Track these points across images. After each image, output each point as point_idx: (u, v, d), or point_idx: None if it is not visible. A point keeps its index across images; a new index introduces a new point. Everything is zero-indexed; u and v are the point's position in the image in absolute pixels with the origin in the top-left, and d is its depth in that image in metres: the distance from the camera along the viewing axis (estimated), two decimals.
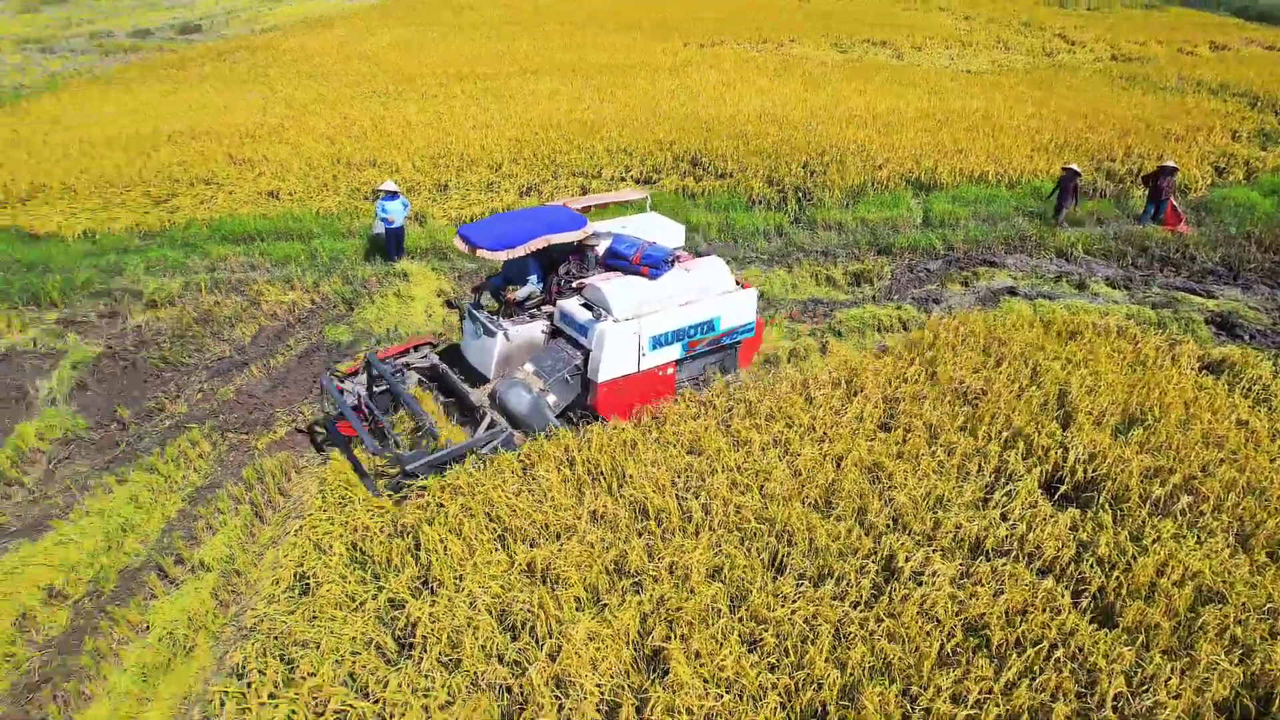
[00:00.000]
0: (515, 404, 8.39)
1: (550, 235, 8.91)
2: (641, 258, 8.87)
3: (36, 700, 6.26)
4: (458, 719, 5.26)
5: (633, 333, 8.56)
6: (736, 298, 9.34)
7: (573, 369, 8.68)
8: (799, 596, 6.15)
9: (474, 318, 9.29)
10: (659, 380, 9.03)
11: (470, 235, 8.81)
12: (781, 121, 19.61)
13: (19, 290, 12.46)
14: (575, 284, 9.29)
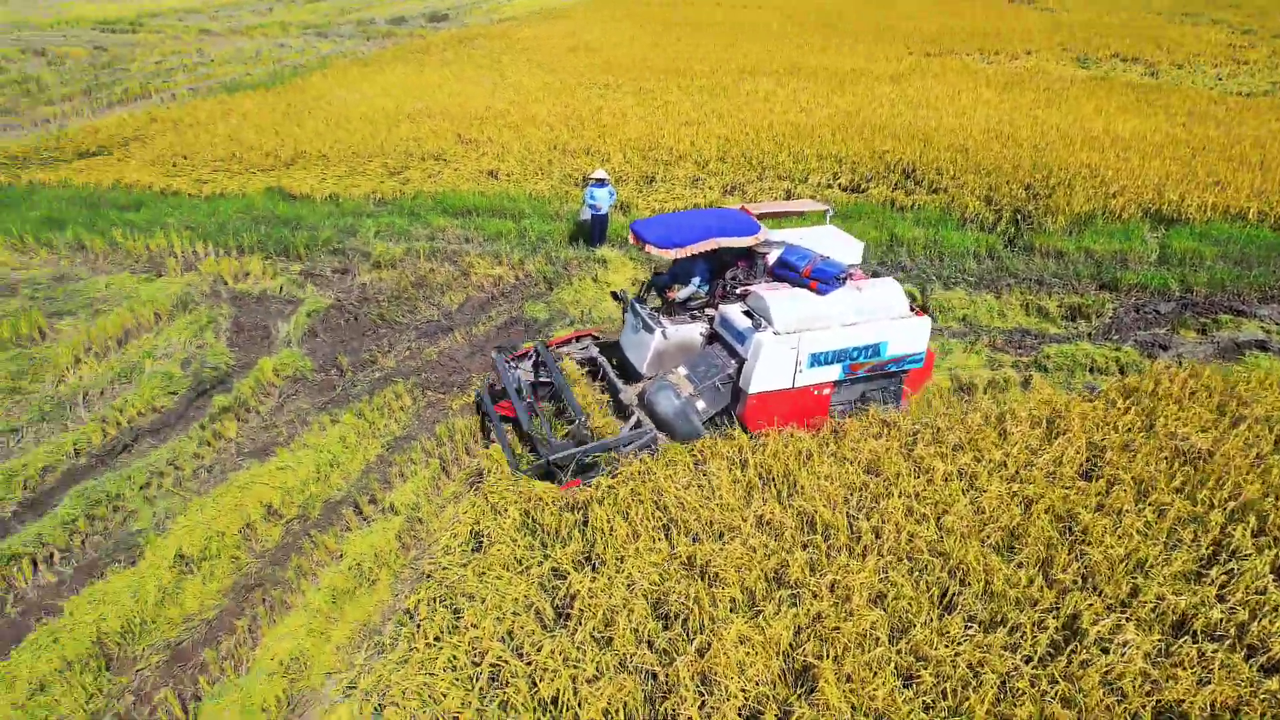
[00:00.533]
0: (663, 407, 8.35)
1: (721, 238, 8.65)
2: (812, 271, 8.55)
3: (249, 600, 7.08)
4: (602, 694, 5.40)
5: (791, 347, 8.24)
6: (908, 324, 8.72)
7: (725, 377, 8.49)
8: (966, 639, 5.80)
9: (635, 312, 9.28)
10: (813, 400, 8.64)
11: (641, 230, 8.76)
12: (1006, 138, 18.47)
13: (274, 242, 14.05)
14: (740, 290, 9.07)
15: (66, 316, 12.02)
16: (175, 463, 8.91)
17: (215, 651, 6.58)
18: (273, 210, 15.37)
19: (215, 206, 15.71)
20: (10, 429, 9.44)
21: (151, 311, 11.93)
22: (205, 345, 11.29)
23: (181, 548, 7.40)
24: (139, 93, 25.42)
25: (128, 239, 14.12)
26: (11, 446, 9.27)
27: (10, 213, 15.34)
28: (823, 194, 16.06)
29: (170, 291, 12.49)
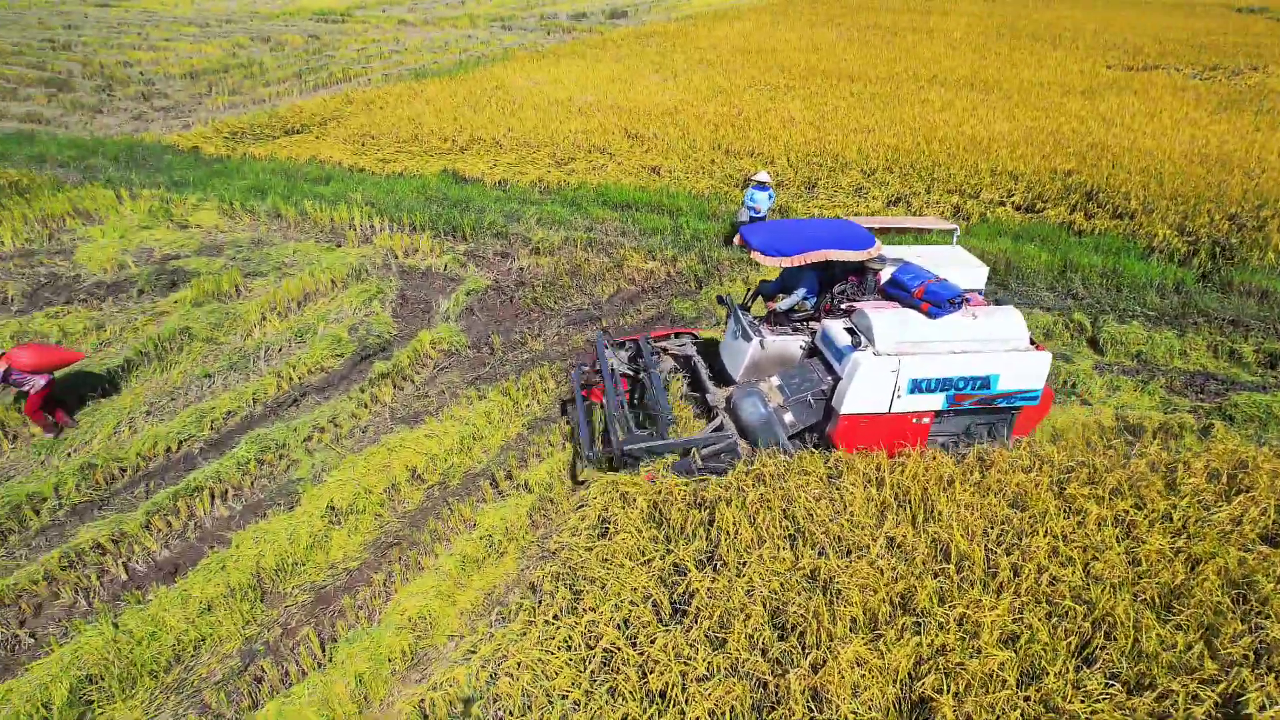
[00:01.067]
0: (747, 413, 8.11)
1: (831, 250, 8.24)
2: (925, 292, 7.97)
3: (387, 557, 7.54)
4: (711, 695, 5.38)
5: (890, 370, 7.75)
6: (1025, 358, 8.04)
7: (819, 392, 8.13)
8: (1105, 697, 5.37)
9: (737, 318, 9.03)
10: (911, 427, 8.11)
11: (750, 235, 8.49)
12: (1213, 162, 16.86)
13: (443, 222, 14.85)
14: (846, 306, 8.65)
15: (258, 277, 13.18)
16: (335, 420, 9.60)
17: (353, 600, 7.06)
18: (445, 192, 16.25)
19: (394, 185, 16.78)
20: (205, 374, 10.48)
21: (329, 278, 12.89)
22: (372, 314, 12.08)
23: (333, 500, 7.98)
24: (340, 77, 27.51)
25: (316, 210, 15.32)
26: (205, 390, 10.29)
27: (225, 181, 16.99)
28: (994, 212, 15.25)
29: (347, 261, 13.45)
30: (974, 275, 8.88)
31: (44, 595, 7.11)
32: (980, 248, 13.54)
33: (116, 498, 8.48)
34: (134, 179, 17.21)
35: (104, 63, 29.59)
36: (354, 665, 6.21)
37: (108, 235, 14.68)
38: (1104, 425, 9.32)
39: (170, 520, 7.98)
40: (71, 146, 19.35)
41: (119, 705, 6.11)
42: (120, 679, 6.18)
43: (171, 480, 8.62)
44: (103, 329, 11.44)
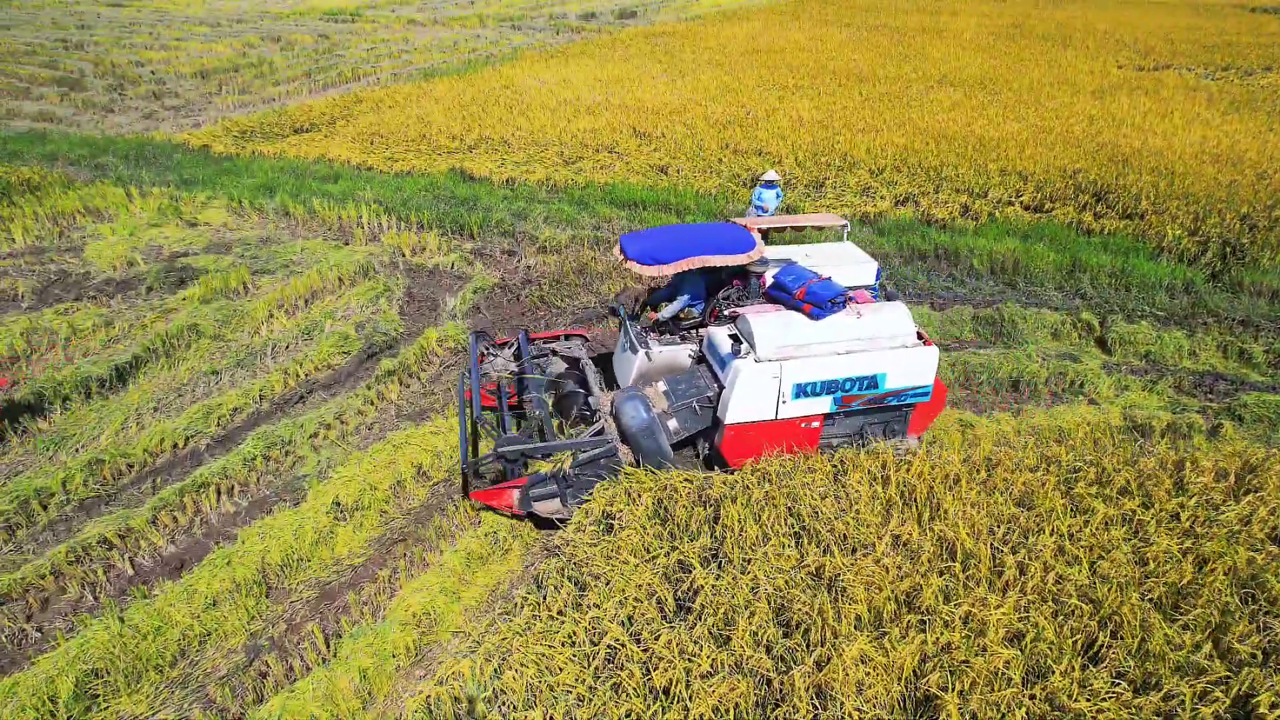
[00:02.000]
0: (629, 418, 7.69)
1: (709, 256, 7.88)
2: (806, 293, 7.72)
3: (392, 553, 7.55)
4: (715, 692, 5.37)
5: (773, 376, 7.53)
6: (912, 354, 7.90)
7: (705, 400, 7.85)
8: (1112, 696, 5.33)
9: (626, 330, 8.76)
10: (799, 433, 7.93)
11: (628, 245, 8.10)
12: (1224, 162, 16.76)
13: (451, 221, 14.88)
14: (729, 311, 8.31)
15: (266, 275, 13.23)
16: (341, 417, 9.63)
17: (357, 596, 7.07)
18: (452, 190, 16.27)
19: (402, 183, 16.82)
20: (213, 371, 10.52)
21: (336, 276, 12.93)
22: (379, 311, 12.11)
23: (339, 496, 7.99)
24: (350, 76, 27.60)
25: (324, 208, 15.37)
26: (212, 387, 10.33)
27: (234, 179, 17.07)
28: (1003, 211, 15.18)
29: (354, 259, 13.48)
30: (864, 272, 8.68)
31: (51, 590, 7.15)
32: (988, 247, 13.50)
33: (124, 493, 8.52)
34: (144, 177, 17.30)
35: (115, 62, 29.78)
36: (358, 661, 6.21)
37: (117, 233, 14.76)
38: (1112, 425, 9.27)
39: (177, 516, 8.01)
40: (82, 145, 19.46)
41: (124, 699, 6.13)
42: (126, 673, 6.20)
43: (178, 476, 8.66)
44: (111, 326, 11.50)
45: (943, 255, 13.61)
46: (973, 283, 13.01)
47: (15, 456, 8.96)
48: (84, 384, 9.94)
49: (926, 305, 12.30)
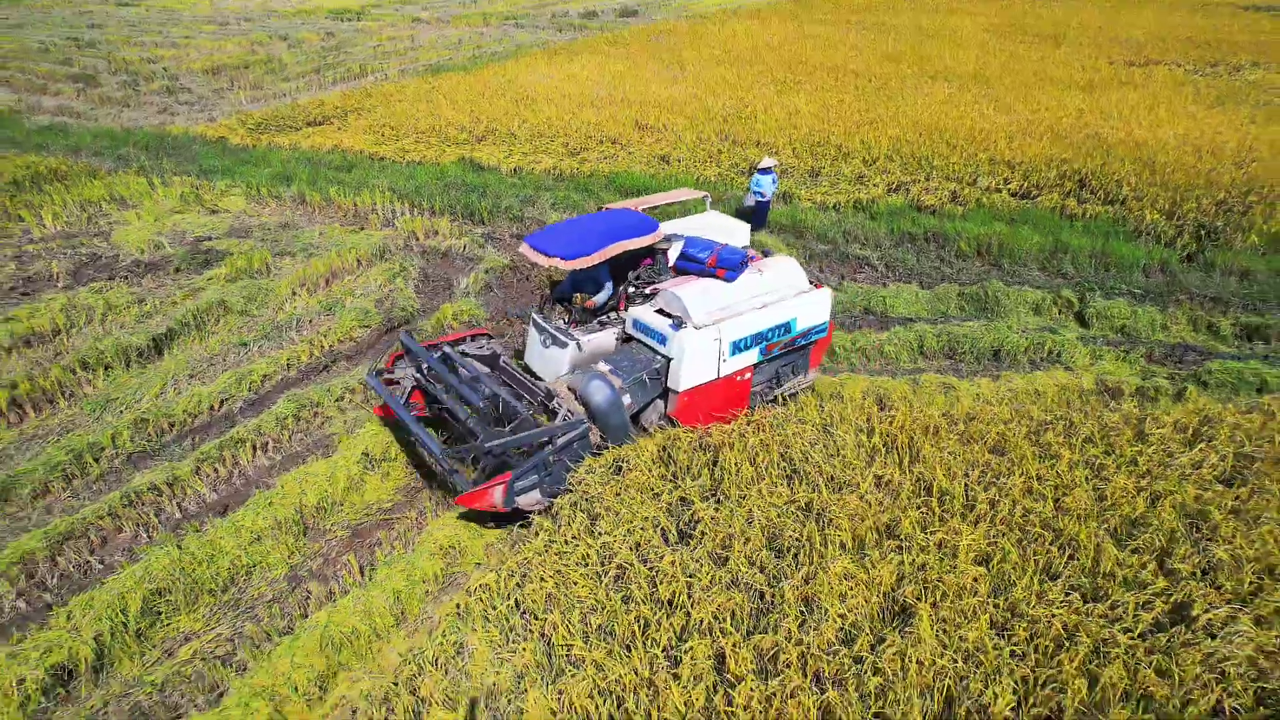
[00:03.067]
0: (596, 396, 7.87)
1: (625, 241, 8.27)
2: (717, 260, 8.47)
3: (417, 499, 8.23)
4: (714, 603, 6.04)
5: (714, 339, 8.16)
6: (813, 298, 8.94)
7: (652, 371, 8.23)
8: (1065, 604, 6.01)
9: (540, 328, 8.88)
10: (736, 386, 8.68)
11: (540, 244, 8.19)
12: (1205, 151, 17.41)
13: (462, 207, 15.56)
14: (649, 289, 8.76)
15: (287, 257, 13.91)
16: (365, 383, 10.29)
17: (388, 533, 7.75)
18: (463, 178, 16.96)
19: (414, 172, 17.50)
20: (242, 343, 11.19)
21: (354, 257, 13.61)
22: (396, 289, 12.78)
23: (368, 448, 8.67)
24: (359, 72, 28.28)
25: (340, 195, 16.04)
26: (242, 357, 11.00)
27: (251, 169, 17.75)
28: (990, 198, 15.85)
29: (371, 242, 14.16)
30: (740, 235, 9.50)
31: (109, 529, 7.83)
32: (975, 230, 14.18)
33: (166, 449, 9.20)
34: (165, 167, 17.98)
35: (128, 59, 30.46)
36: (392, 584, 6.89)
37: (142, 219, 15.44)
38: (1084, 388, 9.93)
39: (217, 468, 8.69)
40: (104, 137, 20.15)
41: (183, 616, 6.82)
42: (184, 594, 6.89)
43: (216, 434, 9.34)
44: (144, 302, 12.17)
45: (931, 238, 14.29)
46: (959, 264, 13.69)
47: (66, 416, 9.64)
48: (124, 353, 10.62)
49: (915, 284, 12.98)
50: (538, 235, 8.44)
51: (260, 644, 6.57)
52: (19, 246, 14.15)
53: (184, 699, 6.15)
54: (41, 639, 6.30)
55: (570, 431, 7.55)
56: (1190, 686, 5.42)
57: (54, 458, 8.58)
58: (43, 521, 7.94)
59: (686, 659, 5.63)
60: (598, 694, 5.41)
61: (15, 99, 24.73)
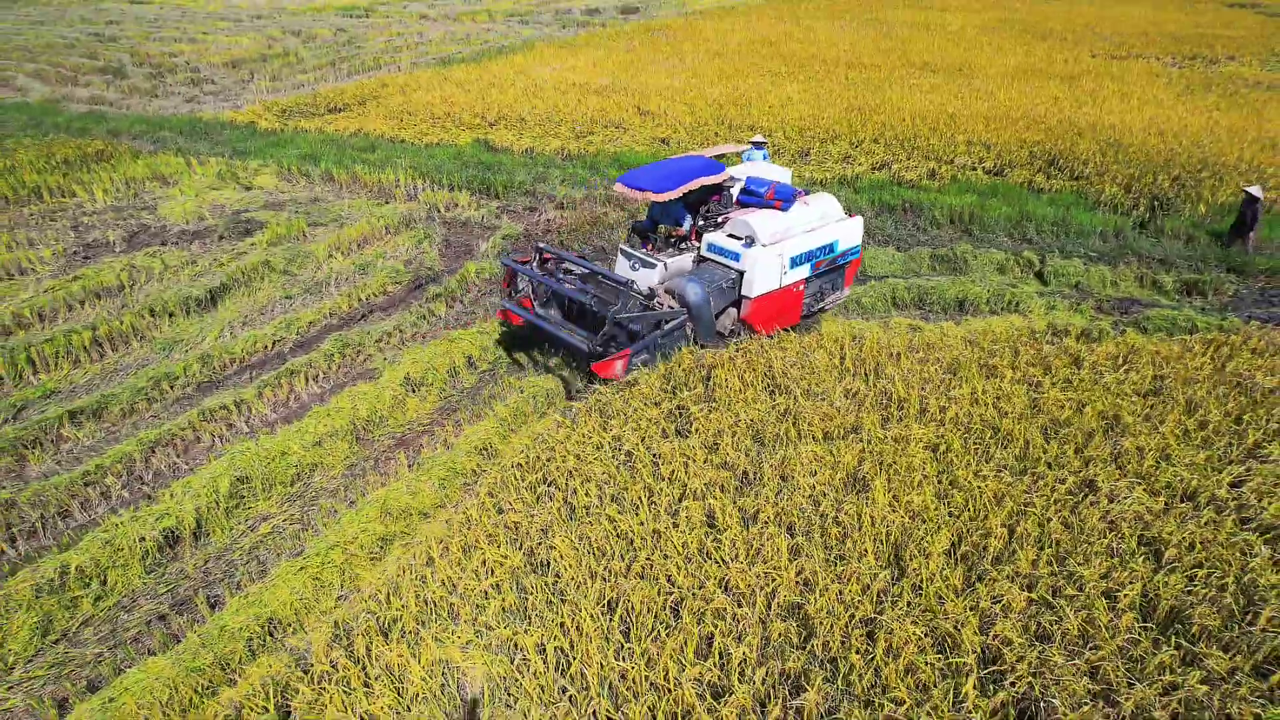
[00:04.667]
0: (691, 294, 9.60)
1: (703, 178, 10.05)
2: (774, 193, 10.47)
3: (454, 416, 9.55)
4: (706, 477, 7.36)
5: (777, 255, 10.03)
6: (848, 225, 11.04)
7: (729, 282, 10.02)
8: (996, 479, 7.32)
9: (629, 255, 10.50)
10: (793, 296, 10.63)
11: (633, 182, 9.94)
12: (1169, 134, 18.71)
13: (478, 183, 16.89)
14: (720, 219, 10.60)
15: (320, 226, 15.23)
16: (399, 328, 11.62)
17: (430, 439, 9.07)
18: (478, 158, 18.29)
19: (432, 152, 18.83)
20: (287, 296, 12.52)
21: (383, 225, 14.93)
22: (422, 252, 14.11)
23: (409, 373, 9.99)
24: (372, 65, 29.60)
25: (365, 173, 17.36)
26: (288, 308, 12.32)
27: (280, 150, 19.08)
28: (965, 174, 17.16)
29: (397, 212, 15.49)
30: (785, 176, 11.62)
31: (189, 439, 9.14)
32: (949, 202, 15.50)
33: (228, 381, 10.52)
34: (200, 149, 19.31)
35: (150, 53, 31.79)
36: (436, 474, 8.20)
37: (184, 194, 16.77)
38: (1035, 330, 11.23)
39: (276, 393, 10.01)
40: (140, 122, 21.48)
41: (261, 500, 8.14)
42: (261, 483, 8.20)
43: (271, 368, 10.66)
44: (194, 264, 13.50)
45: (909, 209, 15.61)
46: (934, 231, 15.01)
47: (139, 354, 10.96)
48: (185, 303, 11.94)
49: (892, 248, 14.30)
50: (629, 176, 10.23)
51: (330, 515, 7.89)
52: (75, 218, 15.48)
53: (271, 555, 7.48)
54: (152, 510, 7.62)
55: (673, 320, 9.43)
56: (1089, 534, 6.74)
57: (136, 384, 9.91)
58: (133, 433, 9.26)
59: (683, 516, 6.94)
60: (614, 537, 6.73)
61: (50, 90, 26.06)
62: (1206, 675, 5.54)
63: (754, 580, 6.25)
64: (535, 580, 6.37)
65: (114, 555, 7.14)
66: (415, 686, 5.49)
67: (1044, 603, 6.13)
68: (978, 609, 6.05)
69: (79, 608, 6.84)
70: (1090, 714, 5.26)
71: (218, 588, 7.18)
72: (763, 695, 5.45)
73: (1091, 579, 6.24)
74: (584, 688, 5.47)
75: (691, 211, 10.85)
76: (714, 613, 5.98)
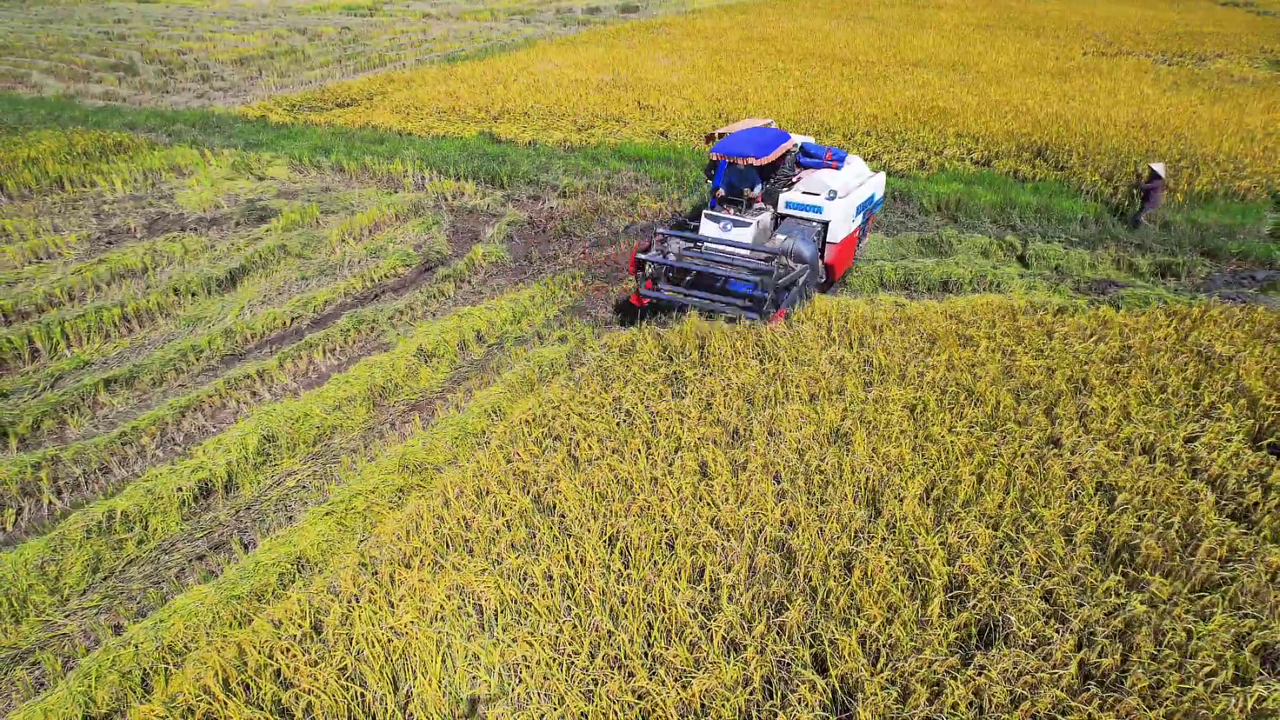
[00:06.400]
0: (806, 250, 11.06)
1: (784, 144, 11.66)
2: (832, 156, 12.36)
3: (465, 384, 10.16)
4: (699, 433, 7.96)
5: (850, 204, 11.63)
6: (877, 179, 13.19)
7: (817, 233, 11.47)
8: (968, 434, 7.93)
9: (716, 218, 11.62)
10: (853, 240, 12.45)
11: (739, 149, 11.18)
12: (1152, 127, 19.33)
13: (484, 172, 17.50)
14: (794, 180, 12.15)
15: (332, 214, 15.84)
16: (411, 307, 12.23)
17: (443, 403, 9.68)
18: (483, 149, 18.91)
19: (439, 144, 19.44)
20: (302, 277, 13.12)
21: (393, 212, 15.55)
22: (431, 238, 14.72)
23: (421, 345, 10.60)
24: (378, 62, 30.22)
25: (374, 163, 17.98)
26: (303, 288, 12.93)
27: (291, 142, 19.70)
28: (953, 164, 17.77)
29: (406, 200, 16.10)
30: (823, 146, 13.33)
31: (216, 404, 9.76)
32: (936, 190, 16.11)
33: (250, 354, 11.13)
34: (214, 141, 19.93)
35: (159, 51, 32.41)
36: (448, 433, 8.81)
37: (200, 183, 17.38)
38: (1014, 306, 11.84)
39: (297, 364, 10.62)
40: (154, 117, 22.10)
41: (286, 458, 8.75)
42: (286, 442, 8.82)
43: (290, 342, 11.27)
44: (213, 248, 14.11)
45: (898, 197, 16.22)
46: (921, 218, 15.62)
47: (164, 330, 11.57)
48: (206, 283, 12.56)
49: (881, 233, 14.90)
50: (725, 144, 11.46)
51: (351, 469, 8.51)
52: (97, 206, 16.10)
53: (297, 505, 8.09)
54: (187, 464, 8.24)
55: (803, 275, 10.89)
56: (1051, 482, 7.35)
57: (164, 356, 10.52)
58: (163, 400, 9.88)
59: (678, 465, 7.55)
60: (614, 483, 7.34)
61: (64, 86, 26.69)
62: (1150, 599, 6.16)
63: (742, 520, 6.86)
64: (542, 520, 6.98)
65: (154, 503, 7.75)
66: (435, 607, 6.10)
67: (1007, 539, 6.74)
68: (946, 544, 6.66)
69: (124, 549, 7.45)
70: (1042, 629, 5.87)
71: (250, 533, 7.80)
72: (749, 615, 6.06)
73: (1051, 519, 6.85)
74: (588, 607, 6.08)
75: (762, 176, 12.06)
76: (705, 546, 6.59)
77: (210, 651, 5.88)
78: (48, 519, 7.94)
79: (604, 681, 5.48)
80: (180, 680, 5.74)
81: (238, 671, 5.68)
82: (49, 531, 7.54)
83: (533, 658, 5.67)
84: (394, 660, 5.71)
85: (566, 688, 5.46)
